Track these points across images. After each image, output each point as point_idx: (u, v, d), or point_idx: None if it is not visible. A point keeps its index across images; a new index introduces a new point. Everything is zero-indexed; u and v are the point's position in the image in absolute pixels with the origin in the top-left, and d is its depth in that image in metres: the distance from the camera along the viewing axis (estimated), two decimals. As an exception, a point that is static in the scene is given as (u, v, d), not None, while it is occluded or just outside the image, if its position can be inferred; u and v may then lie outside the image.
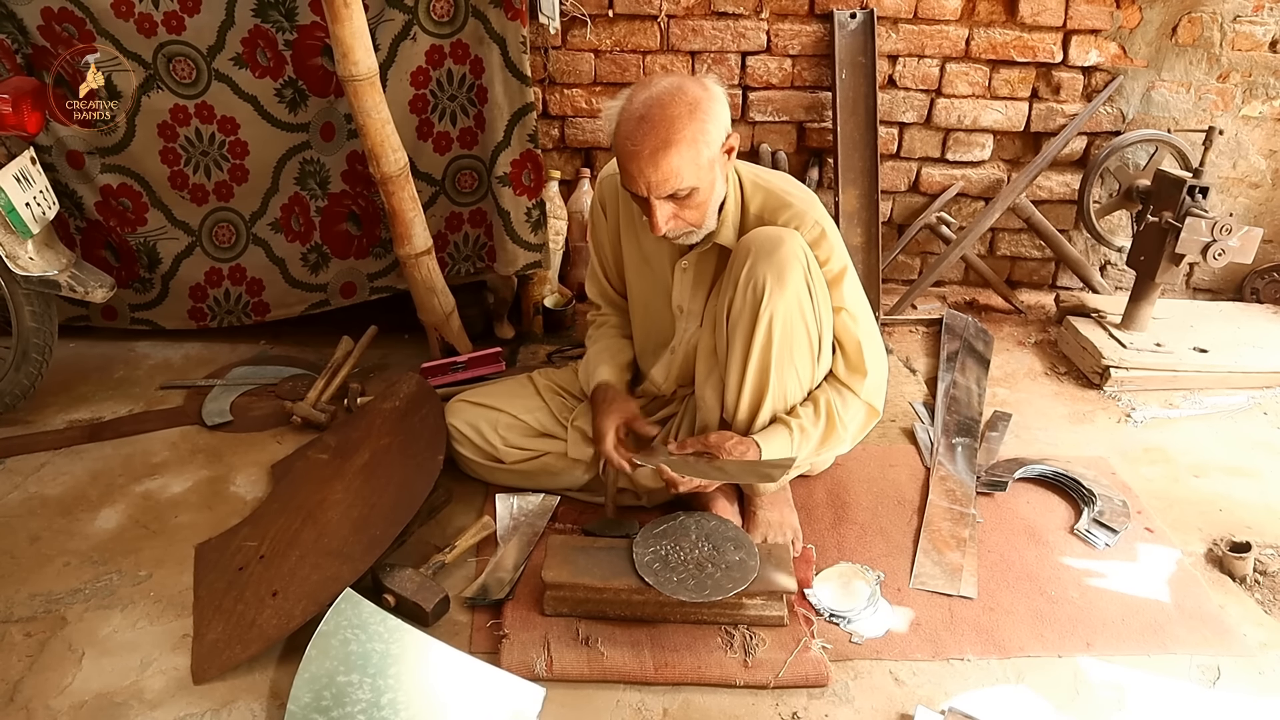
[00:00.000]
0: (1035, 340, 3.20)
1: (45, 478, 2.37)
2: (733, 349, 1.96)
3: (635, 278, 2.23)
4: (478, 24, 2.66)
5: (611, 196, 2.17)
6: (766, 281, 1.87)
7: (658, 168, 1.78)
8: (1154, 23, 3.12)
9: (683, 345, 2.16)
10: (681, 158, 1.79)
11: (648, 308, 2.22)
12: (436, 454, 2.19)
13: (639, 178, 1.81)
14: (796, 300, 1.89)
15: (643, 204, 1.86)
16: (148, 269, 3.00)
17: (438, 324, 2.84)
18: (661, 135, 1.77)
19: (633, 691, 1.74)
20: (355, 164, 2.82)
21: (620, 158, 1.84)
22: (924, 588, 2.01)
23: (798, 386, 2.00)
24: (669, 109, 1.78)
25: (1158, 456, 2.54)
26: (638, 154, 1.78)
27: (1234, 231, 2.76)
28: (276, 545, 2.04)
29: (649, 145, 1.77)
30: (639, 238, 2.15)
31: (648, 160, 1.78)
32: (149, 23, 2.66)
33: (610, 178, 2.16)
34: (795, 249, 1.88)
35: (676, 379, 2.23)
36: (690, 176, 1.81)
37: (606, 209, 2.21)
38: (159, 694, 1.72)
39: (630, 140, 1.79)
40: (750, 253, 1.90)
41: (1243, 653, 1.86)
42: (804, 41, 3.15)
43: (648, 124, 1.77)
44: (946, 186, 3.37)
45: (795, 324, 1.91)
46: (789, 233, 1.91)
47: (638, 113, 1.79)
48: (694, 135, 1.79)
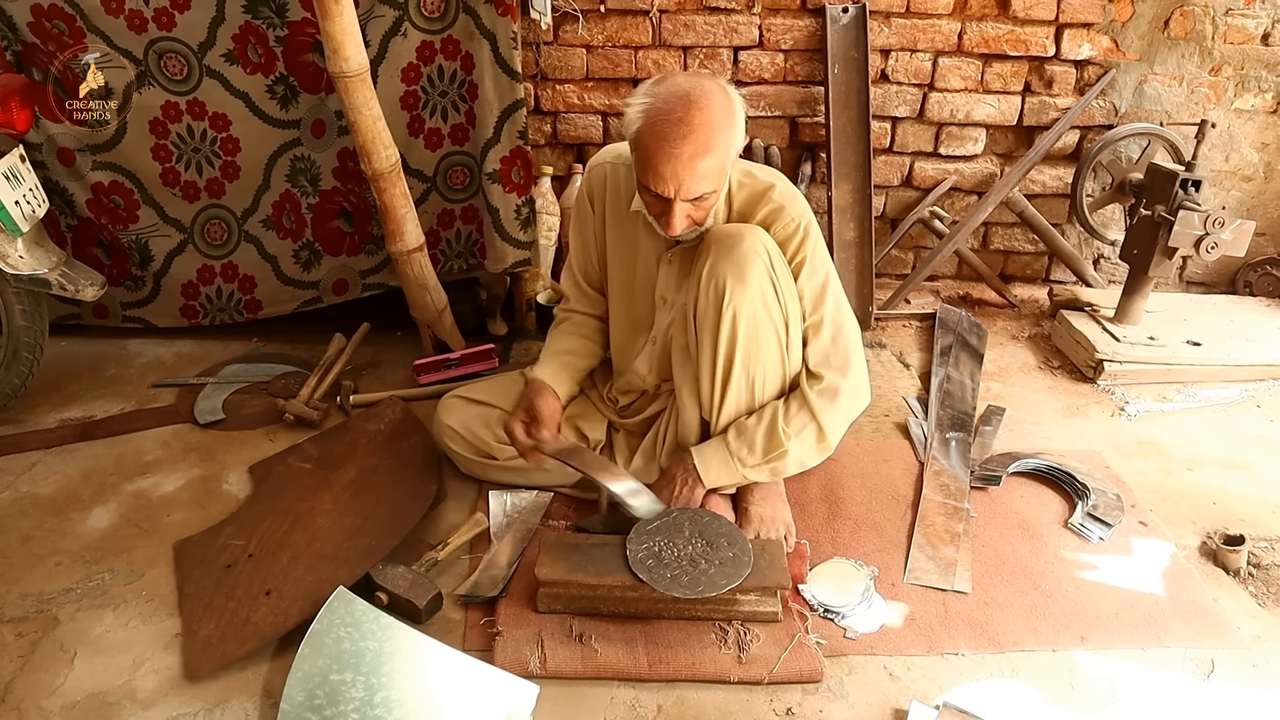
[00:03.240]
0: (1029, 334, 3.20)
1: (37, 477, 2.36)
2: (702, 348, 1.98)
3: (617, 269, 2.20)
4: (468, 20, 2.65)
5: (600, 187, 2.15)
6: (727, 279, 1.87)
7: (694, 172, 1.77)
8: (1146, 16, 3.12)
9: (664, 335, 2.15)
10: (715, 162, 1.79)
11: (630, 299, 2.20)
12: (429, 483, 2.24)
13: (671, 180, 1.78)
14: (760, 295, 1.89)
15: (663, 204, 1.84)
16: (139, 267, 2.99)
17: (430, 321, 2.83)
18: (701, 140, 1.75)
19: (627, 688, 1.74)
20: (347, 161, 2.81)
21: (652, 159, 1.78)
22: (918, 582, 2.01)
23: (771, 378, 2.00)
24: (706, 113, 1.76)
25: (1151, 450, 2.54)
26: (675, 156, 1.75)
27: (1226, 225, 2.76)
28: (265, 545, 2.04)
29: (688, 149, 1.75)
30: (625, 230, 2.14)
31: (685, 164, 1.76)
32: (139, 19, 2.65)
33: (598, 169, 2.14)
34: (755, 244, 1.88)
35: (659, 371, 2.21)
36: (716, 180, 1.82)
37: (594, 200, 2.18)
38: (151, 693, 1.71)
39: (667, 143, 1.75)
40: (711, 250, 1.90)
41: (1237, 645, 1.86)
42: (796, 36, 3.14)
43: (686, 127, 1.75)
44: (939, 181, 3.37)
45: (760, 319, 1.92)
46: (749, 228, 1.91)
47: (674, 114, 1.76)
48: (726, 141, 1.80)
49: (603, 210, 2.17)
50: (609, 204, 2.15)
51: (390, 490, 2.22)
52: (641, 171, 1.84)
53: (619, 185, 2.11)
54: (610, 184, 2.13)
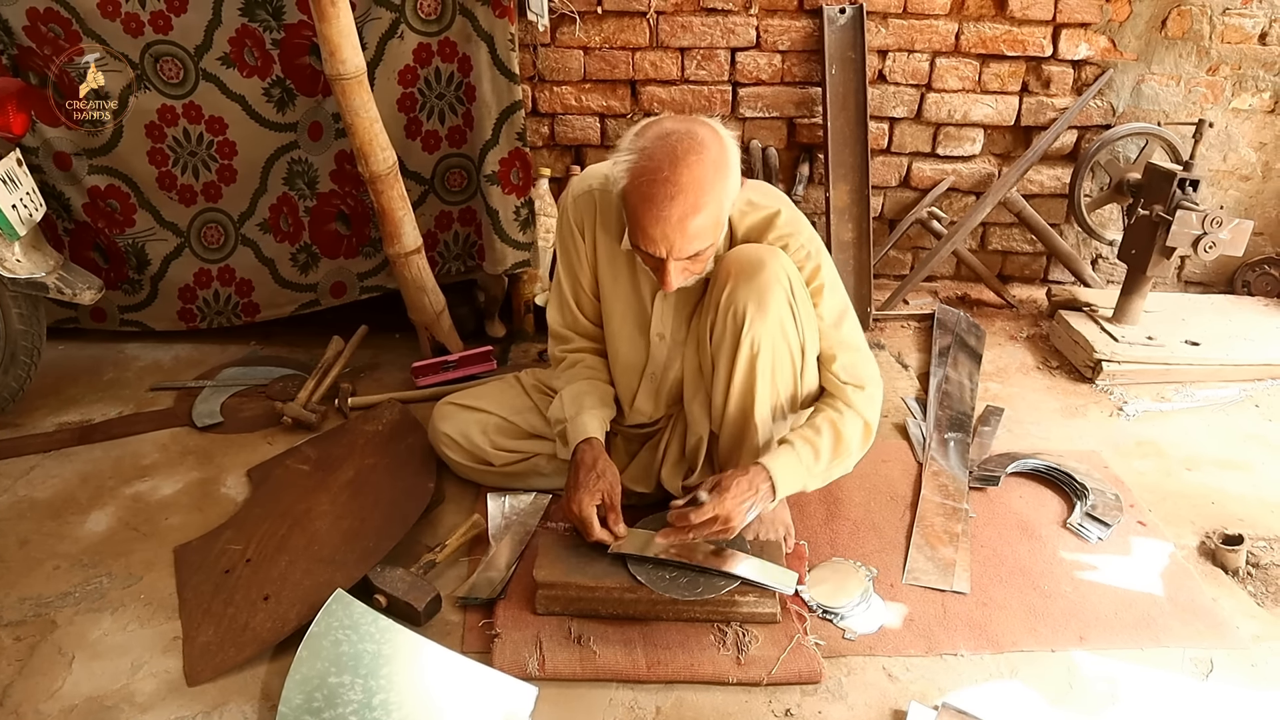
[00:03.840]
0: (1027, 334, 3.20)
1: (34, 480, 2.35)
2: (717, 371, 1.95)
3: (613, 301, 2.08)
4: (465, 22, 2.65)
5: (590, 217, 2.01)
6: (748, 309, 1.82)
7: (684, 233, 1.69)
8: (1143, 16, 3.12)
9: (666, 372, 2.10)
10: (708, 219, 1.71)
11: (623, 334, 2.10)
12: (427, 481, 2.23)
13: (662, 242, 1.70)
14: (779, 324, 1.85)
15: (657, 262, 1.76)
16: (136, 270, 2.99)
17: (428, 323, 2.83)
18: (690, 200, 1.66)
19: (626, 690, 1.74)
20: (344, 163, 2.80)
21: (641, 221, 1.70)
22: (917, 583, 2.01)
23: (785, 400, 1.98)
24: (695, 169, 1.66)
25: (1150, 450, 2.54)
26: (664, 219, 1.67)
27: (1224, 224, 2.77)
28: (263, 550, 2.04)
29: (676, 211, 1.66)
30: (617, 261, 2.03)
31: (675, 227, 1.67)
32: (136, 22, 2.65)
33: (585, 196, 2.01)
34: (776, 271, 1.83)
35: (665, 405, 2.17)
36: (711, 235, 1.75)
37: (585, 232, 2.03)
38: (150, 697, 1.71)
39: (654, 205, 1.67)
40: (731, 276, 1.84)
41: (1236, 645, 1.86)
42: (794, 37, 3.14)
43: (673, 187, 1.65)
44: (937, 181, 3.37)
45: (779, 346, 1.88)
46: (770, 252, 1.85)
47: (660, 173, 1.66)
48: (719, 195, 1.71)
49: (593, 240, 2.04)
50: (600, 233, 2.02)
51: (388, 490, 2.22)
52: (631, 231, 1.76)
53: (609, 212, 1.98)
54: (600, 212, 2.00)
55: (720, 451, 2.07)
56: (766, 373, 1.90)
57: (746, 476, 1.85)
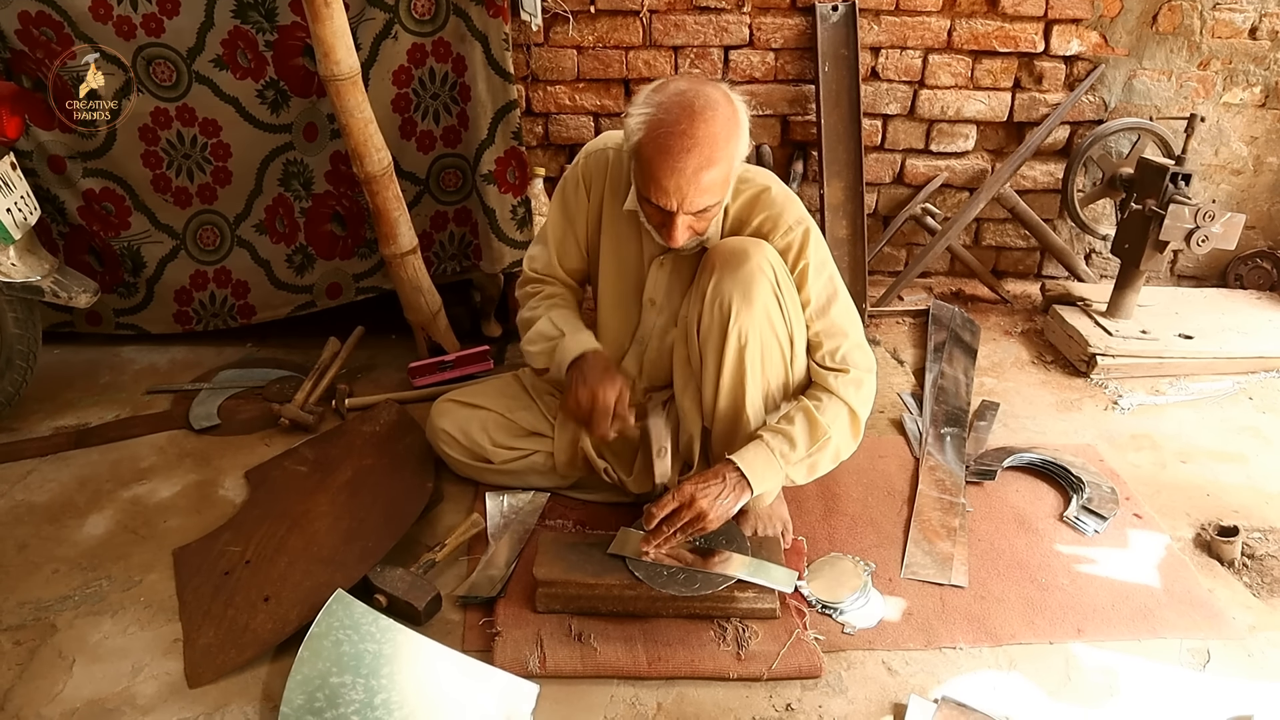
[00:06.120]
0: (1022, 329, 3.21)
1: (32, 485, 2.35)
2: (706, 364, 1.95)
3: (609, 263, 2.12)
4: (459, 22, 2.65)
5: (599, 174, 2.05)
6: (733, 300, 1.84)
7: (698, 185, 1.72)
8: (1134, 11, 3.13)
9: (652, 338, 2.13)
10: (720, 174, 1.74)
11: (615, 295, 2.14)
12: (425, 480, 2.24)
13: (674, 194, 1.73)
14: (765, 315, 1.87)
15: (664, 215, 1.80)
16: (132, 273, 2.99)
17: (425, 323, 2.83)
18: (705, 152, 1.70)
19: (626, 686, 1.74)
20: (339, 164, 2.80)
21: (655, 172, 1.73)
22: (915, 577, 2.02)
23: (775, 389, 1.98)
24: (711, 124, 1.71)
25: (1145, 443, 2.55)
26: (679, 170, 1.70)
27: (1217, 218, 2.78)
28: (263, 551, 2.04)
29: (693, 163, 1.70)
30: (619, 225, 2.07)
31: (690, 178, 1.71)
32: (128, 25, 2.65)
33: (599, 154, 2.05)
34: (760, 262, 1.85)
35: (649, 376, 2.18)
36: (720, 192, 1.78)
37: (591, 188, 2.07)
38: (151, 699, 1.71)
39: (670, 156, 1.70)
40: (715, 268, 1.87)
41: (1232, 636, 1.87)
42: (786, 35, 3.15)
43: (690, 140, 1.69)
44: (931, 178, 3.38)
45: (766, 337, 1.89)
46: (754, 243, 1.87)
47: (677, 126, 1.70)
48: (731, 152, 1.75)
49: (599, 200, 2.07)
50: (608, 193, 2.06)
51: (386, 489, 2.22)
52: (643, 183, 1.79)
53: (620, 175, 2.03)
54: (611, 173, 2.03)
55: (714, 445, 2.08)
56: (756, 363, 1.91)
57: (712, 468, 1.90)
